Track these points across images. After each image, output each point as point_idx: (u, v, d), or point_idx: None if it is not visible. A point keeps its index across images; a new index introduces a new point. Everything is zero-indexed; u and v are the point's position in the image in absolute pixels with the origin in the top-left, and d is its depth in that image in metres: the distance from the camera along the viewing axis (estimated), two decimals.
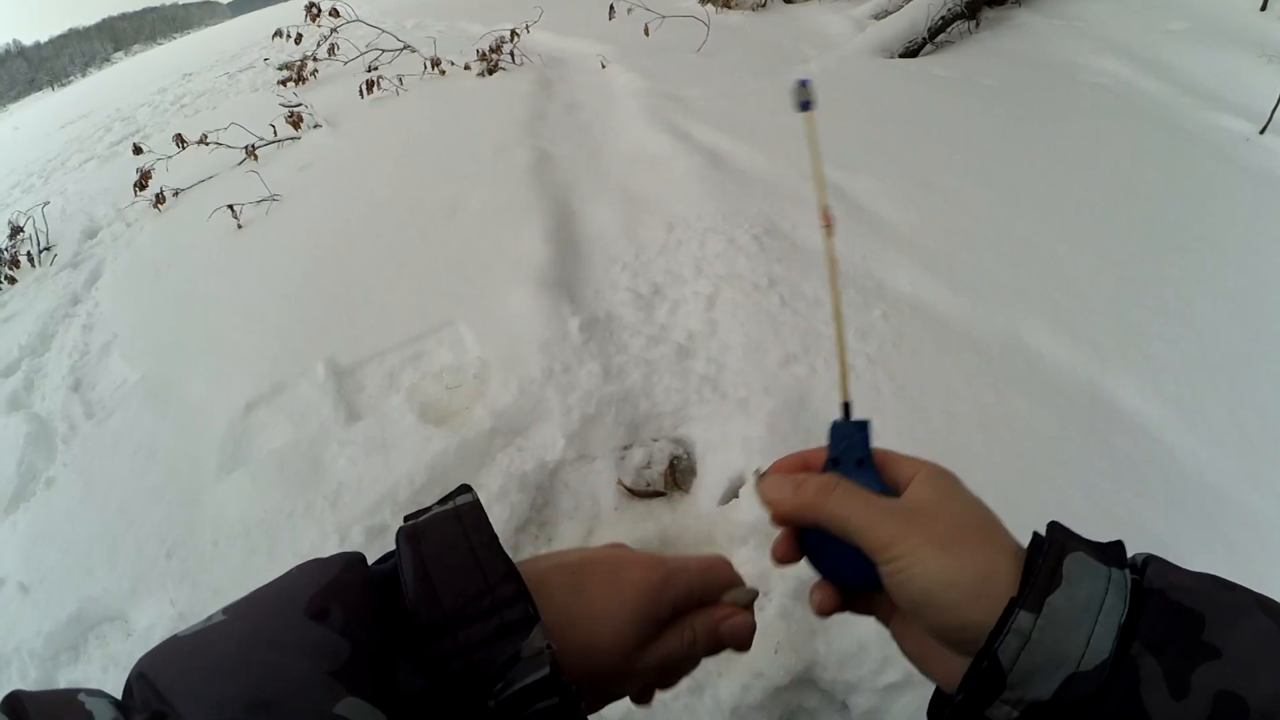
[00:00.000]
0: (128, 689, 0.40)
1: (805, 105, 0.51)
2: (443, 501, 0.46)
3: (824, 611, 0.48)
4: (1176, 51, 3.54)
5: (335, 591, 0.40)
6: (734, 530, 1.66)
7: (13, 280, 3.65)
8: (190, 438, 2.12)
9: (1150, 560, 0.40)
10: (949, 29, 4.08)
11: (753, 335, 2.00)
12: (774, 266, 2.23)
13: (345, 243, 2.62)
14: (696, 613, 0.48)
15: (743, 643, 0.49)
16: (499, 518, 1.67)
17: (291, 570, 0.43)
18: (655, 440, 1.87)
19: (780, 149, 2.82)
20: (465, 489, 0.47)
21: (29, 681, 1.71)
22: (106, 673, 1.68)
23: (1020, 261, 2.22)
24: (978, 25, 4.23)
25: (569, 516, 1.75)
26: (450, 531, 0.43)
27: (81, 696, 0.37)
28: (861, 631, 1.42)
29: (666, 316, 2.09)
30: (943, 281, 2.15)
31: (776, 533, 0.47)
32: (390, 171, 2.97)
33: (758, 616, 1.35)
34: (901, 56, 3.90)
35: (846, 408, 0.47)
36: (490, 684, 0.39)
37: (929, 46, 4.01)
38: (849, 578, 0.46)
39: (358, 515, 1.72)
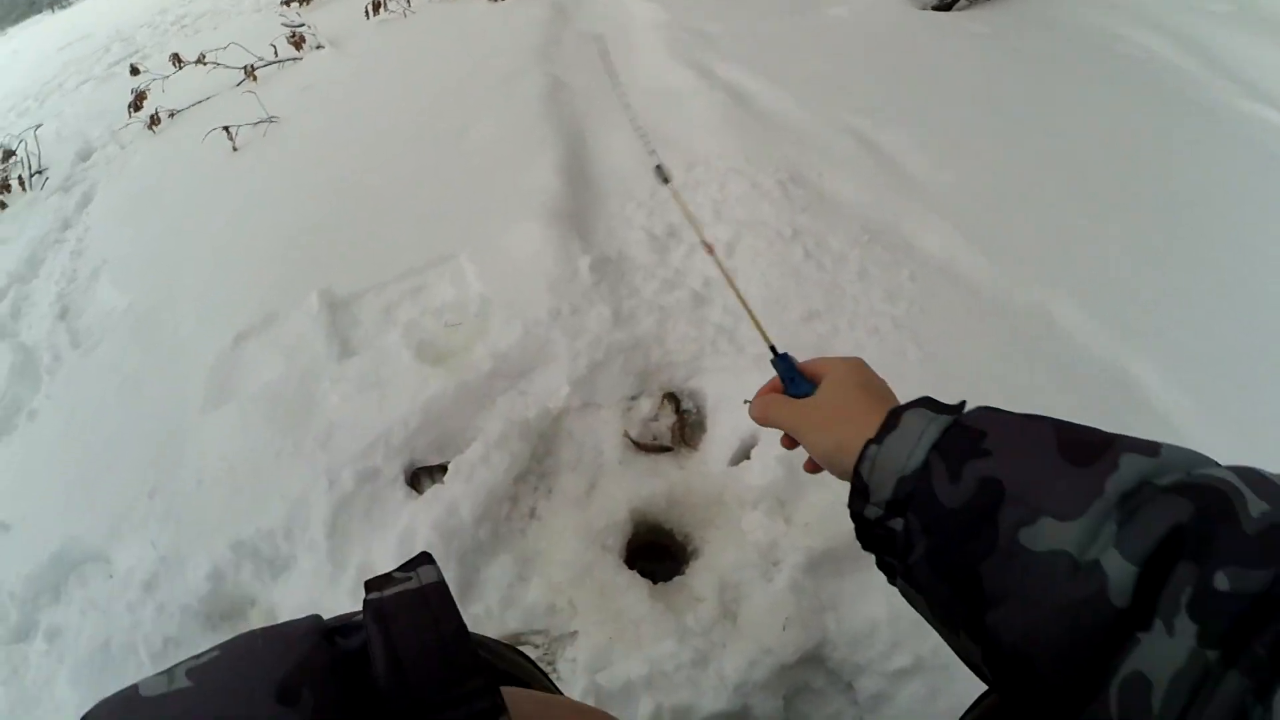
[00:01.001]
0: None
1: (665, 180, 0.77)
2: (405, 569, 0.50)
3: (809, 469, 0.71)
4: (1217, 34, 3.32)
5: (305, 673, 0.41)
6: (744, 494, 1.57)
7: (3, 205, 3.53)
8: (177, 369, 2.02)
9: (979, 408, 0.55)
10: None
11: (774, 287, 1.88)
12: (799, 216, 2.09)
13: (345, 168, 2.47)
14: None
15: None
16: (498, 466, 1.57)
17: (259, 636, 0.45)
18: (665, 392, 1.76)
19: (807, 94, 2.65)
20: (426, 559, 0.51)
21: (9, 625, 1.64)
22: (85, 616, 1.61)
23: (1052, 232, 2.11)
24: None
25: (571, 468, 1.65)
26: (419, 617, 0.45)
27: None
28: (874, 612, 1.36)
29: (682, 260, 1.96)
30: (974, 245, 2.03)
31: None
32: (395, 96, 2.81)
33: (768, 588, 1.29)
34: (935, 9, 3.69)
35: (773, 349, 0.72)
36: None
37: (964, 1, 3.79)
38: None
39: (349, 458, 1.62)
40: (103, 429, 1.97)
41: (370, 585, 0.49)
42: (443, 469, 1.62)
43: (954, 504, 0.49)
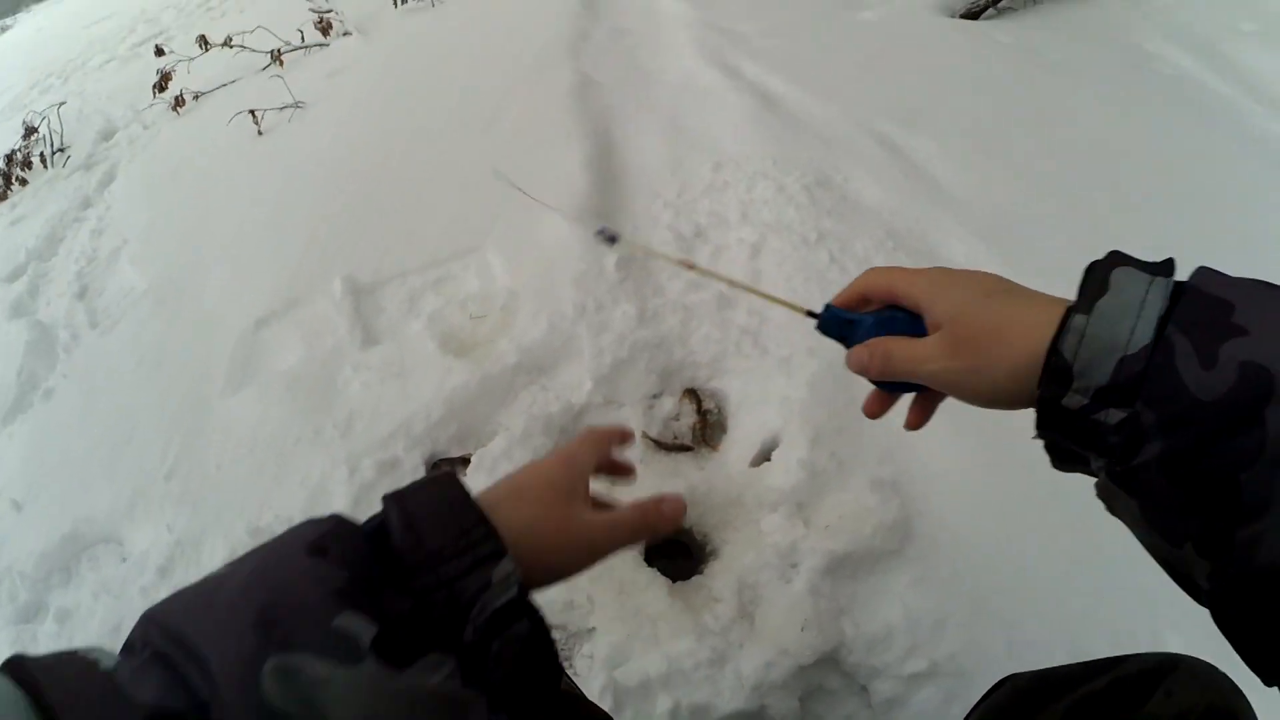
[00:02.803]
0: (132, 634, 0.43)
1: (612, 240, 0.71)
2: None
3: (910, 424, 0.65)
4: (1247, 53, 3.28)
5: (331, 536, 0.46)
6: (764, 495, 1.56)
7: (24, 182, 3.53)
8: (198, 351, 2.02)
9: (1201, 269, 0.45)
10: None
11: (798, 292, 1.88)
12: (824, 220, 2.08)
13: (371, 155, 2.47)
14: (631, 506, 0.60)
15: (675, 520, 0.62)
16: (520, 460, 1.56)
17: (285, 531, 0.48)
18: (686, 389, 1.75)
19: (835, 97, 2.64)
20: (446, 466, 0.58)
21: (18, 604, 1.64)
22: (98, 599, 1.60)
23: (1084, 248, 2.07)
24: None
25: None
26: (430, 492, 0.50)
27: (81, 650, 0.41)
28: (890, 616, 1.36)
29: (708, 261, 1.96)
30: (999, 257, 2.01)
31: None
32: (422, 86, 2.80)
33: (786, 590, 1.29)
34: (963, 17, 3.66)
35: (810, 313, 0.63)
36: (467, 610, 0.45)
37: (991, 10, 3.76)
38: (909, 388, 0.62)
39: (369, 446, 1.62)
40: (119, 410, 1.97)
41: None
42: (465, 461, 1.62)
43: (1209, 396, 0.39)
